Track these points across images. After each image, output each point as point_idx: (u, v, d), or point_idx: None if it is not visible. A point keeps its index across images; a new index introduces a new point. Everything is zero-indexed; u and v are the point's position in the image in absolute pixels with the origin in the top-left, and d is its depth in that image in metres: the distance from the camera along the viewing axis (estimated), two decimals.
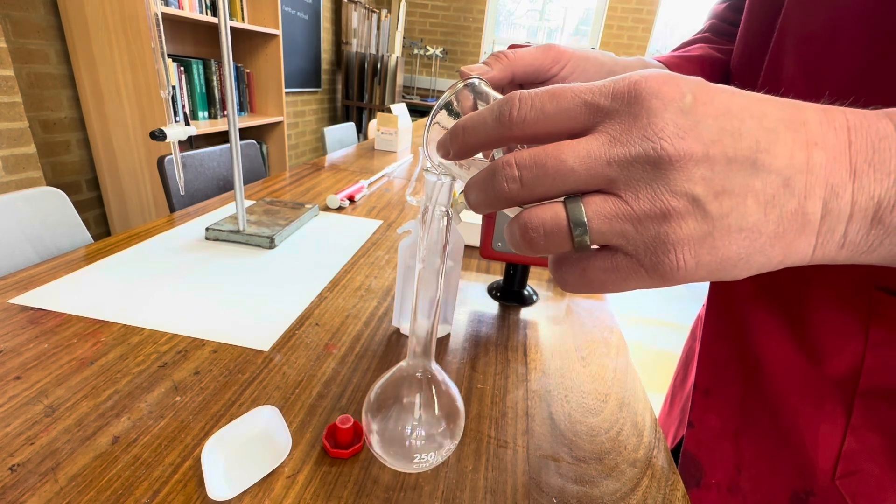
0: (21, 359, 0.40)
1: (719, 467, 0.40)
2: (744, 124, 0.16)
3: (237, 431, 0.34)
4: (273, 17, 2.26)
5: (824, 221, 0.16)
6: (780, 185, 0.16)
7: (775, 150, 0.16)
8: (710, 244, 0.16)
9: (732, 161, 0.15)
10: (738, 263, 0.16)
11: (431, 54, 4.05)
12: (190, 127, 0.62)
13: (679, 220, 0.16)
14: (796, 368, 0.34)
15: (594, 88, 0.17)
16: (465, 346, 0.49)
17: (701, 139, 0.15)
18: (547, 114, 0.17)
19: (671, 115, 0.16)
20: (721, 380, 0.40)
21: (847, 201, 0.16)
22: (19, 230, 0.64)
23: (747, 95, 0.17)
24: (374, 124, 1.82)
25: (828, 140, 0.16)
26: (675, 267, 0.16)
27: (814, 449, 0.33)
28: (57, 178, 1.58)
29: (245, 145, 1.21)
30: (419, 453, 0.31)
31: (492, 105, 0.19)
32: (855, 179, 0.16)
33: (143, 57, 1.51)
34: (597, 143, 0.16)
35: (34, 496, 0.28)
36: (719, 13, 0.49)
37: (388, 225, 0.83)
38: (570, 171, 0.17)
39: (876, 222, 0.16)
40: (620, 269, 0.17)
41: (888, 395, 0.30)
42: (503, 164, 0.18)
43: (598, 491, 0.33)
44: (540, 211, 0.18)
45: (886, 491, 0.30)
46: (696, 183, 0.15)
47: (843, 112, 0.17)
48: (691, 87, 0.16)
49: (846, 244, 0.17)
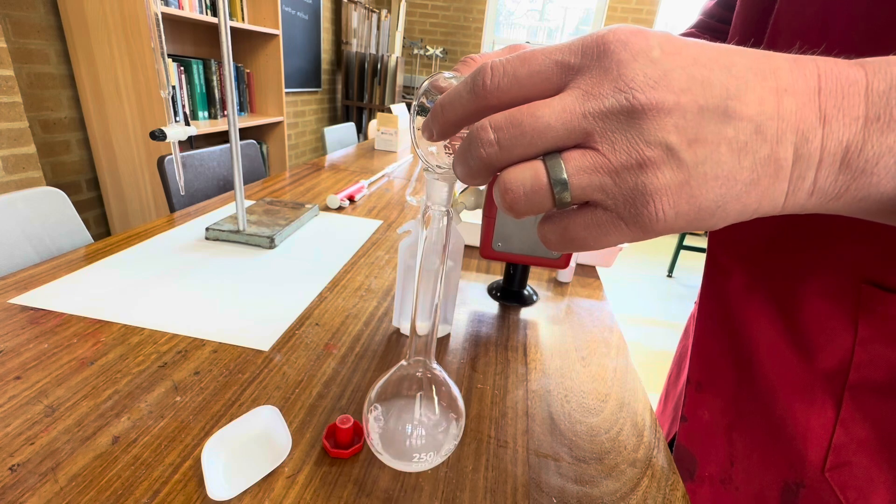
0: (21, 359, 0.40)
1: (713, 460, 0.40)
2: (713, 73, 0.16)
3: (237, 431, 0.34)
4: (273, 17, 2.26)
5: (795, 167, 0.16)
6: (751, 131, 0.16)
7: (746, 97, 0.16)
8: (687, 192, 0.16)
9: (704, 109, 0.16)
10: (716, 212, 0.17)
11: (431, 54, 4.05)
12: (190, 127, 0.62)
13: (655, 169, 0.16)
14: (787, 362, 0.34)
15: (563, 48, 0.17)
16: (465, 346, 0.49)
17: (671, 88, 0.16)
18: (520, 78, 0.17)
19: (641, 65, 0.16)
20: (714, 374, 0.40)
21: (817, 146, 0.16)
22: (19, 230, 0.64)
23: (716, 47, 0.17)
24: (374, 124, 1.82)
25: (797, 86, 0.16)
26: (655, 217, 0.16)
27: (804, 442, 0.34)
28: (57, 178, 1.58)
29: (245, 145, 1.21)
30: (419, 453, 0.31)
31: (465, 78, 0.19)
32: (825, 124, 0.16)
33: (143, 57, 1.50)
34: (571, 98, 0.16)
35: (34, 496, 0.28)
36: (709, 10, 0.49)
37: (388, 225, 0.83)
38: (546, 127, 0.17)
39: (844, 167, 0.16)
40: (601, 224, 0.17)
41: (877, 389, 0.30)
42: (478, 128, 0.18)
43: (598, 491, 0.33)
44: (520, 170, 0.18)
45: (875, 482, 0.31)
46: (670, 132, 0.16)
47: (813, 60, 0.17)
48: (659, 38, 0.16)
49: (815, 191, 0.17)
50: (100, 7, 1.46)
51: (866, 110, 0.16)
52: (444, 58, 4.07)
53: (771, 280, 0.35)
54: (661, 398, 0.59)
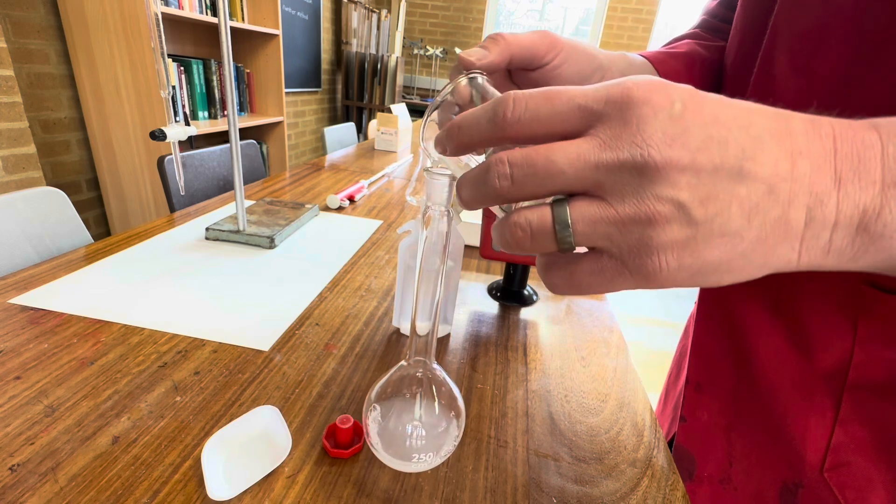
0: (21, 359, 0.40)
1: (711, 460, 0.40)
2: (731, 133, 0.16)
3: (237, 431, 0.34)
4: (273, 17, 2.26)
5: (808, 228, 0.16)
6: (764, 192, 0.16)
7: (761, 158, 0.16)
8: (692, 248, 0.16)
9: (719, 168, 0.16)
10: (720, 267, 0.17)
11: (431, 54, 4.05)
12: (190, 127, 0.62)
13: (664, 224, 0.16)
14: (787, 362, 0.34)
15: (588, 93, 0.17)
16: (465, 346, 0.49)
17: (688, 146, 0.16)
18: (541, 116, 0.18)
19: (660, 122, 0.16)
20: (713, 374, 0.40)
21: (832, 209, 0.16)
22: (19, 230, 0.64)
23: (736, 104, 0.17)
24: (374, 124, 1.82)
25: (813, 149, 0.16)
26: (658, 269, 0.17)
27: (803, 442, 0.34)
28: (57, 178, 1.58)
29: (245, 145, 1.21)
30: (419, 453, 0.31)
31: (486, 105, 0.19)
32: (840, 187, 0.16)
33: (143, 57, 1.50)
34: (587, 147, 0.17)
35: (34, 496, 0.28)
36: (711, 10, 0.49)
37: (388, 225, 0.83)
38: (559, 171, 0.17)
39: (861, 230, 0.16)
40: (606, 271, 0.18)
41: (876, 389, 0.30)
42: (496, 161, 0.18)
43: (598, 491, 0.33)
44: (528, 212, 0.18)
45: (873, 483, 0.31)
46: (682, 189, 0.16)
47: (829, 122, 0.17)
48: (681, 94, 0.16)
49: (832, 251, 0.17)
50: (100, 7, 1.46)
51: (883, 175, 0.16)
52: (443, 58, 4.07)
53: (770, 280, 0.35)
54: (660, 398, 0.59)
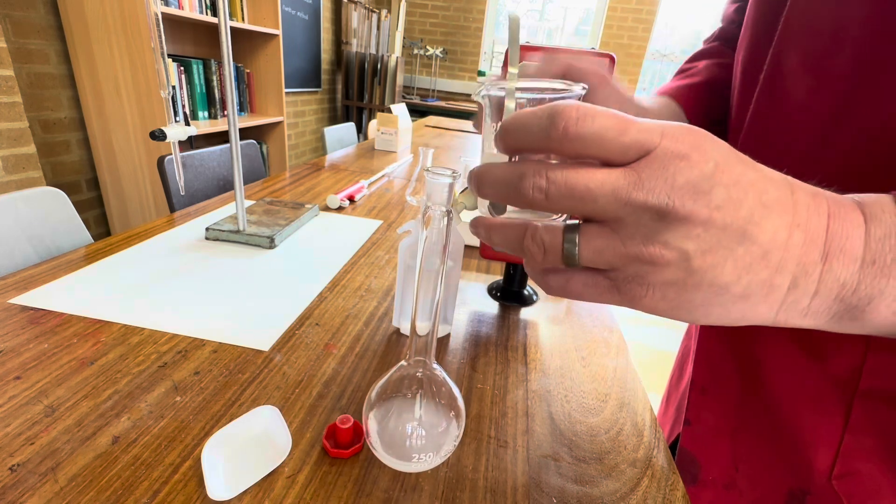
0: (21, 359, 0.40)
1: (716, 464, 0.40)
2: (746, 196, 0.17)
3: (237, 431, 0.34)
4: (273, 17, 2.26)
5: (790, 293, 0.18)
6: (758, 255, 0.17)
7: (764, 224, 0.17)
8: (680, 288, 0.18)
9: (727, 227, 0.17)
10: (697, 309, 0.19)
11: (431, 54, 4.05)
12: (190, 127, 0.62)
13: (663, 266, 0.18)
14: (795, 367, 0.34)
15: (652, 129, 0.18)
16: (465, 346, 0.49)
17: (709, 204, 0.17)
18: (605, 139, 0.18)
19: (694, 177, 0.17)
20: (718, 378, 0.40)
21: (815, 280, 0.18)
22: (19, 230, 0.64)
23: (758, 170, 0.18)
24: (374, 124, 1.82)
25: (810, 224, 0.18)
26: (643, 297, 0.19)
27: (812, 448, 0.33)
28: (57, 178, 1.58)
29: (245, 145, 1.21)
30: (419, 453, 0.31)
31: (540, 112, 0.19)
32: (825, 262, 0.18)
33: (143, 57, 1.50)
34: (624, 182, 0.18)
35: (34, 496, 0.28)
36: (729, 15, 0.49)
37: (388, 225, 0.83)
38: (592, 200, 0.18)
39: (838, 300, 0.18)
40: (599, 286, 0.20)
41: (887, 397, 0.30)
42: (534, 172, 0.19)
43: (598, 491, 0.33)
44: (544, 233, 0.20)
45: (882, 492, 0.31)
46: (692, 240, 0.17)
47: (827, 199, 0.18)
48: (716, 155, 0.18)
49: (809, 314, 0.19)
50: (100, 7, 1.46)
51: (864, 254, 0.17)
52: (443, 58, 4.07)
53: None
54: (663, 399, 0.59)
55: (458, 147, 1.77)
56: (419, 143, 1.78)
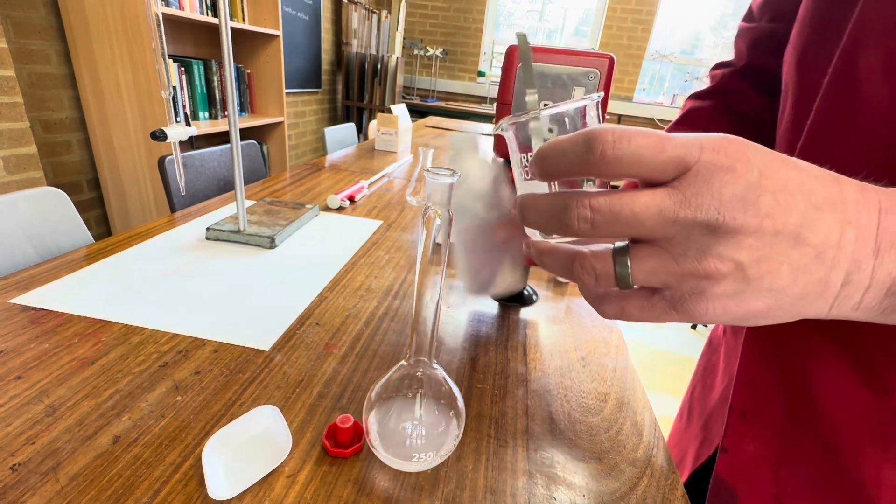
0: (22, 358, 0.40)
1: (756, 496, 0.37)
2: (795, 200, 0.17)
3: (238, 431, 0.34)
4: (273, 17, 2.26)
5: (844, 289, 0.18)
6: (813, 256, 0.17)
7: (817, 226, 0.17)
8: (739, 299, 0.18)
9: (779, 233, 0.17)
10: (758, 315, 0.19)
11: (431, 55, 4.05)
12: (191, 127, 0.62)
13: (720, 279, 0.18)
14: (855, 400, 0.31)
15: (690, 145, 0.18)
16: (465, 346, 0.49)
17: (758, 213, 0.17)
18: (644, 160, 0.18)
19: (739, 188, 0.17)
20: (761, 403, 0.36)
21: (867, 275, 0.18)
22: (20, 230, 0.64)
23: (803, 170, 0.18)
24: (374, 125, 1.82)
25: (861, 220, 0.18)
26: (704, 313, 0.19)
27: (875, 490, 0.30)
28: (58, 179, 1.58)
29: (245, 145, 1.21)
30: (419, 453, 0.31)
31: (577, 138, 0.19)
32: (878, 257, 0.18)
33: (143, 57, 1.51)
34: (669, 202, 0.18)
35: (35, 496, 0.28)
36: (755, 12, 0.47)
37: (388, 225, 0.83)
38: (639, 223, 0.18)
39: (889, 294, 0.18)
40: (655, 308, 0.20)
41: None
42: (578, 203, 0.19)
43: (598, 490, 0.33)
44: (594, 261, 0.20)
45: None
46: (744, 250, 0.17)
47: (877, 193, 0.18)
48: (759, 162, 0.18)
49: (861, 308, 0.19)
50: (100, 8, 1.46)
51: None
52: (444, 58, 4.07)
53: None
54: (681, 413, 0.54)
55: None
56: (419, 143, 1.78)
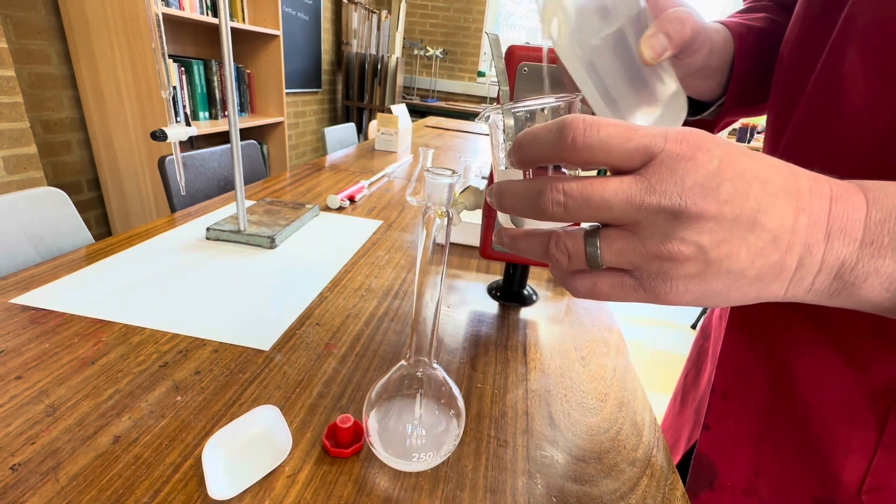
0: (22, 358, 0.40)
1: (736, 470, 0.38)
2: (752, 187, 0.19)
3: (238, 431, 0.34)
4: (273, 17, 2.26)
5: (797, 272, 0.20)
6: (769, 241, 0.19)
7: (772, 212, 0.19)
8: (701, 279, 0.19)
9: (738, 218, 0.18)
10: (718, 296, 0.20)
11: (431, 55, 4.05)
12: (191, 127, 0.62)
13: (683, 261, 0.19)
14: (831, 376, 0.33)
15: (655, 134, 0.19)
16: (465, 345, 0.49)
17: (718, 199, 0.18)
18: (611, 149, 0.19)
19: (700, 176, 0.18)
20: (743, 384, 0.38)
21: (818, 259, 0.19)
22: (20, 230, 0.64)
23: (761, 161, 0.20)
24: (374, 125, 1.82)
25: (814, 207, 0.19)
26: (668, 292, 0.20)
27: (841, 460, 0.32)
28: (58, 179, 1.59)
29: (245, 146, 1.21)
30: (419, 452, 0.31)
31: (551, 126, 0.20)
32: (828, 242, 0.19)
33: (143, 57, 1.51)
34: (636, 189, 0.19)
35: (35, 496, 0.28)
36: None
37: (388, 225, 0.83)
38: (608, 208, 0.19)
39: (837, 278, 0.20)
40: (625, 286, 0.21)
41: None
42: (552, 188, 0.20)
43: (598, 490, 0.33)
44: (567, 240, 0.21)
45: None
46: (706, 234, 0.19)
47: (829, 183, 0.20)
48: (719, 152, 0.19)
49: (812, 290, 0.20)
50: (101, 8, 1.46)
51: (863, 234, 0.19)
52: (444, 58, 4.07)
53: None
54: (674, 399, 0.56)
55: (458, 147, 1.77)
56: (419, 143, 1.78)
